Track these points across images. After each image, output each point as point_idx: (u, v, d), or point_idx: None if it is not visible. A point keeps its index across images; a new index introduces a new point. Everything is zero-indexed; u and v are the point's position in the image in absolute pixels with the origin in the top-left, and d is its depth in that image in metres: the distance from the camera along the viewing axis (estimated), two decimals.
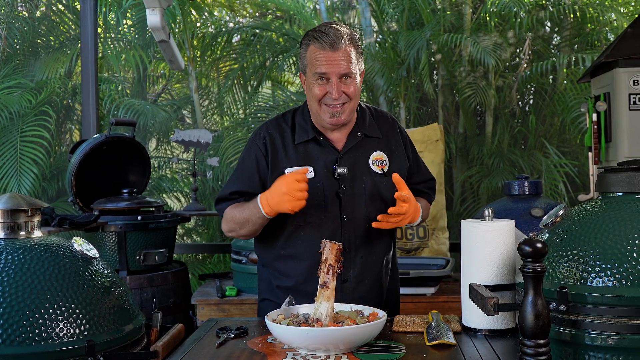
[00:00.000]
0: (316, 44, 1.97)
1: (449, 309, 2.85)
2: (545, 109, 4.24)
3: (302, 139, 2.07)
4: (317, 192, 2.01)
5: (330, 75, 1.96)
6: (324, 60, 1.96)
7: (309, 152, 2.06)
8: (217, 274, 3.80)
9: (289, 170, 2.03)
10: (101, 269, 1.70)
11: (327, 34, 1.96)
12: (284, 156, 2.06)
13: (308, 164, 2.04)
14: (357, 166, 2.08)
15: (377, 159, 2.10)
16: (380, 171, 2.10)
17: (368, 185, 2.06)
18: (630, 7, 4.28)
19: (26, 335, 1.44)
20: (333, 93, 1.96)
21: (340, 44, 1.95)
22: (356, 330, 1.59)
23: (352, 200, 2.05)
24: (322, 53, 1.96)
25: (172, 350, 1.71)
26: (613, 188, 1.65)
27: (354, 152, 2.09)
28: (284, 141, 2.07)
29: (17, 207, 1.66)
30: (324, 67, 1.96)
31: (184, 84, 4.37)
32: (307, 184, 1.89)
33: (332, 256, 1.73)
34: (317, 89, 1.98)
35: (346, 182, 2.05)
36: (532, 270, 1.37)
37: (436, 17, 4.26)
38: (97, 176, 3.37)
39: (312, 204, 1.99)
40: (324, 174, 2.04)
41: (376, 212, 2.00)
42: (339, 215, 2.04)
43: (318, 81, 1.98)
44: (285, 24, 4.34)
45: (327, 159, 2.06)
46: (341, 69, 1.96)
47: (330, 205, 2.03)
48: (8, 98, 4.22)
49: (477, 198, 4.23)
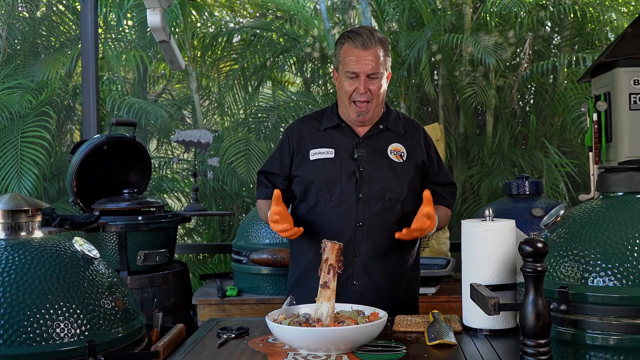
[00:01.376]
0: (350, 43, 2.18)
1: (449, 308, 2.85)
2: (545, 108, 4.24)
3: (327, 125, 2.28)
4: (335, 171, 2.21)
5: (359, 74, 2.16)
6: (355, 59, 2.16)
7: (333, 136, 2.27)
8: (217, 274, 3.80)
9: (312, 151, 2.24)
10: (102, 269, 1.70)
11: (360, 35, 2.17)
12: (310, 140, 2.28)
13: (330, 146, 2.24)
14: (375, 151, 2.23)
15: (395, 149, 2.25)
16: (397, 160, 2.24)
17: (385, 167, 2.21)
18: (630, 7, 4.28)
19: (27, 335, 1.44)
20: (360, 88, 2.16)
21: (371, 44, 2.15)
22: (357, 330, 1.59)
23: (369, 179, 2.20)
24: (354, 52, 2.16)
25: (173, 351, 1.71)
26: (613, 188, 1.65)
27: (374, 140, 2.25)
28: (312, 129, 2.30)
29: (18, 207, 1.66)
30: (354, 65, 2.16)
31: (185, 84, 4.37)
32: (277, 214, 2.04)
33: (332, 256, 1.73)
34: (347, 85, 2.19)
35: (363, 163, 2.20)
36: (533, 270, 1.37)
37: (436, 17, 4.26)
38: (97, 176, 3.37)
39: (330, 180, 2.20)
40: (343, 155, 2.22)
41: (391, 194, 2.19)
42: (354, 193, 2.19)
43: (348, 78, 2.18)
44: (285, 24, 4.35)
45: (347, 143, 2.24)
46: (368, 68, 2.15)
47: (347, 183, 2.19)
48: (8, 98, 4.22)
49: (477, 198, 4.23)
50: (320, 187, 2.21)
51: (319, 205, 2.21)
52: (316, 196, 2.22)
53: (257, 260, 3.02)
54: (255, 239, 3.17)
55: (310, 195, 2.23)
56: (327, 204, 2.20)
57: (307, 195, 2.24)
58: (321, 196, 2.21)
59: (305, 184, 2.24)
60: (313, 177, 2.22)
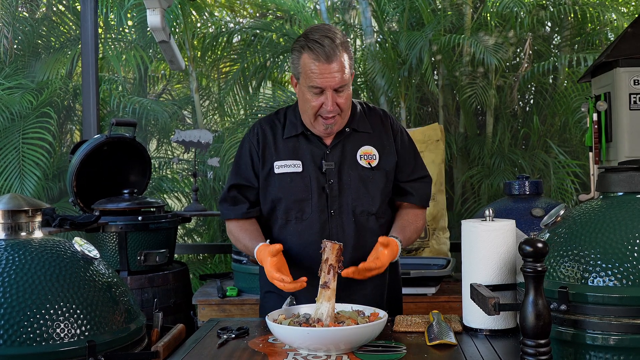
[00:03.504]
0: (311, 54, 1.96)
1: (449, 308, 2.85)
2: (545, 108, 4.24)
3: (291, 133, 2.11)
4: (305, 187, 2.07)
5: (326, 89, 1.97)
6: (319, 73, 1.96)
7: (298, 146, 2.11)
8: (217, 274, 3.80)
9: (277, 163, 2.09)
10: (102, 269, 1.70)
11: (322, 45, 1.94)
12: (273, 150, 2.11)
13: (296, 158, 2.09)
14: (344, 161, 2.09)
15: (365, 154, 2.11)
16: (368, 165, 2.10)
17: (354, 179, 2.08)
18: (630, 7, 4.28)
19: (27, 335, 1.44)
20: (328, 105, 1.98)
21: (334, 55, 1.95)
22: (357, 331, 1.60)
23: (339, 194, 2.08)
24: (316, 65, 1.95)
25: (173, 351, 1.71)
26: (614, 188, 1.65)
27: (342, 147, 2.11)
28: (275, 136, 2.13)
29: (18, 207, 1.67)
30: (319, 80, 1.96)
31: (185, 84, 4.37)
32: (281, 281, 1.86)
33: (332, 256, 1.73)
34: (313, 101, 2.00)
35: (333, 177, 2.08)
36: (533, 270, 1.37)
37: (436, 17, 4.26)
38: (97, 177, 3.37)
39: (300, 198, 2.06)
40: (311, 168, 2.08)
41: (362, 207, 2.07)
42: (326, 210, 2.07)
43: (313, 94, 2.00)
44: (285, 25, 4.35)
45: (314, 153, 2.09)
46: (335, 82, 1.96)
47: (318, 199, 2.07)
48: (9, 99, 4.22)
49: (477, 198, 4.23)
50: (290, 206, 2.07)
51: (290, 225, 2.08)
52: (285, 215, 2.08)
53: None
54: None
55: (279, 213, 2.09)
56: (298, 224, 2.07)
57: (276, 214, 2.10)
58: (291, 215, 2.08)
59: (272, 201, 2.10)
60: (282, 194, 2.07)
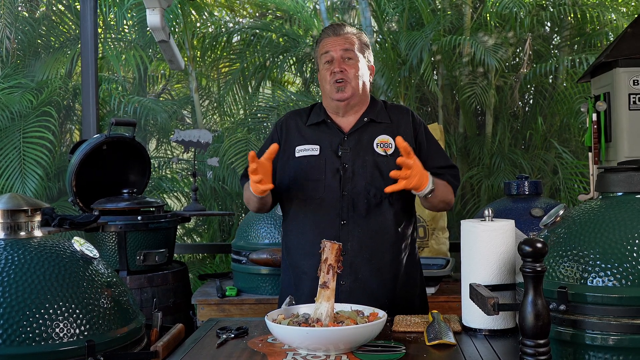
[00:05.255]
0: (323, 34, 2.27)
1: (449, 308, 2.85)
2: (546, 108, 4.24)
3: (313, 121, 2.29)
4: (319, 168, 2.21)
5: (334, 54, 2.21)
6: (328, 43, 2.23)
7: (318, 132, 2.27)
8: (217, 274, 3.80)
9: (298, 147, 2.25)
10: (101, 269, 1.70)
11: (332, 26, 2.27)
12: (297, 136, 2.29)
13: (315, 143, 2.25)
14: (360, 147, 2.22)
15: (382, 142, 2.23)
16: (384, 153, 2.21)
17: (369, 164, 2.19)
18: (630, 7, 4.28)
19: (26, 335, 1.44)
20: (335, 66, 2.19)
21: (343, 31, 2.23)
22: (356, 330, 1.60)
23: (352, 177, 2.18)
24: (327, 39, 2.24)
25: (172, 351, 1.71)
26: (613, 188, 1.65)
27: (359, 135, 2.24)
28: (299, 124, 2.31)
29: (17, 207, 1.66)
30: (327, 47, 2.22)
31: (184, 84, 4.37)
32: (256, 163, 1.98)
33: (332, 256, 1.73)
34: (325, 71, 2.23)
35: (347, 161, 2.20)
36: (532, 270, 1.37)
37: (436, 17, 4.26)
38: (97, 176, 3.37)
39: (315, 178, 2.20)
40: (328, 152, 2.22)
41: (375, 190, 2.17)
42: (338, 191, 2.18)
43: (325, 65, 2.23)
44: (285, 24, 4.34)
45: (333, 139, 2.24)
46: (341, 47, 2.20)
47: (331, 180, 2.19)
48: (9, 98, 4.22)
49: (477, 199, 4.23)
50: (305, 185, 2.20)
51: (304, 204, 2.21)
52: (300, 194, 2.22)
53: (256, 260, 3.03)
54: (254, 239, 3.17)
55: (294, 192, 2.24)
56: (311, 202, 2.19)
57: (291, 194, 2.24)
58: (306, 194, 2.21)
59: (289, 182, 2.23)
60: (297, 174, 2.22)
